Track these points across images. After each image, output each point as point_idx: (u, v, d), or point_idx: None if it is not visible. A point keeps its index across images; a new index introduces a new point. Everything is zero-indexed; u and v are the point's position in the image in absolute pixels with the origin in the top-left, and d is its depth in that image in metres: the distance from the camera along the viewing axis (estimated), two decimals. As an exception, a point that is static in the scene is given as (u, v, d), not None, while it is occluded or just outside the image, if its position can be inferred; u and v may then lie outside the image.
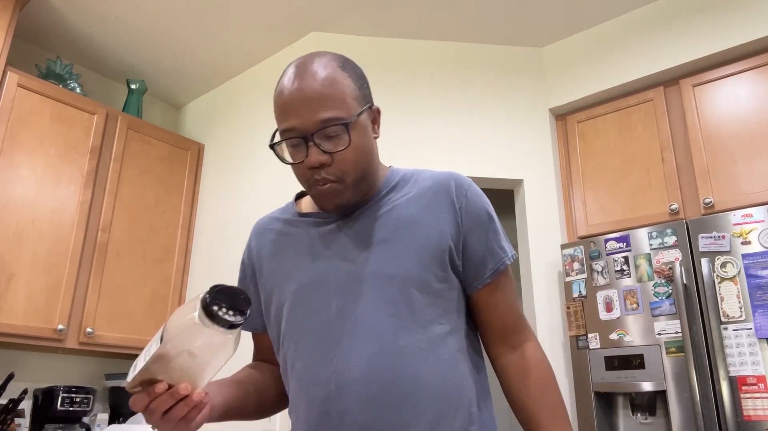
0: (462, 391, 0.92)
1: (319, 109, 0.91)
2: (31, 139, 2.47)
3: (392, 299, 0.92)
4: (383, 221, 0.98)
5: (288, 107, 0.93)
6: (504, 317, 1.00)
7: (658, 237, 2.16)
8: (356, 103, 0.95)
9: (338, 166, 0.93)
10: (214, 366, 0.81)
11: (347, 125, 0.91)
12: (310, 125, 0.91)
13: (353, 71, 0.98)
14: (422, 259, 0.94)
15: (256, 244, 1.11)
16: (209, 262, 2.88)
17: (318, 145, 0.91)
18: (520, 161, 2.66)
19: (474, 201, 1.00)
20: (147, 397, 0.79)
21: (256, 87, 3.01)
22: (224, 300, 0.77)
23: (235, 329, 0.78)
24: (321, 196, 0.96)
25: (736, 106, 2.29)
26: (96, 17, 2.71)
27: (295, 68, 0.95)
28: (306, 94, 0.91)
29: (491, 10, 2.62)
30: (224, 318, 0.77)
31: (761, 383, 1.84)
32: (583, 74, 2.70)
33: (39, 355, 2.65)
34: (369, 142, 0.98)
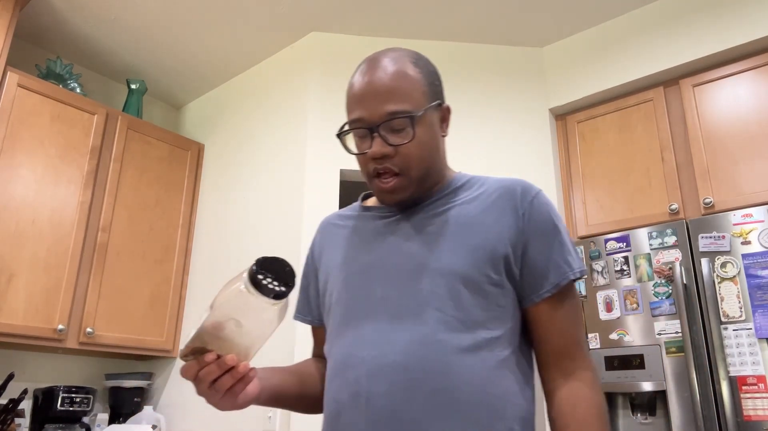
0: (504, 404, 0.88)
1: (386, 101, 0.92)
2: (31, 139, 2.47)
3: (438, 292, 0.90)
4: (441, 218, 0.97)
5: (357, 99, 0.95)
6: (561, 338, 0.94)
7: (658, 237, 2.16)
8: (425, 98, 0.95)
9: (401, 159, 0.94)
10: (260, 338, 0.83)
11: (413, 119, 0.92)
12: (376, 117, 0.92)
13: (425, 67, 0.99)
14: (475, 259, 0.91)
15: (319, 240, 1.14)
16: (209, 262, 2.88)
17: (383, 137, 0.92)
18: (520, 161, 2.66)
19: (539, 209, 0.96)
20: (197, 365, 0.81)
21: (256, 87, 3.01)
22: (270, 270, 0.80)
23: (280, 300, 0.80)
24: (382, 190, 0.96)
25: (736, 106, 2.29)
26: (96, 17, 2.71)
27: (367, 62, 0.98)
28: (375, 86, 0.93)
29: (491, 10, 2.62)
30: (269, 287, 0.79)
31: (761, 383, 1.84)
32: (583, 74, 2.70)
33: (39, 355, 2.65)
34: (435, 139, 0.98)
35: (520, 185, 0.98)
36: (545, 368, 0.95)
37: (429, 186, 1.00)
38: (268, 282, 0.79)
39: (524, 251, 0.94)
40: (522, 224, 0.94)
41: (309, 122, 2.65)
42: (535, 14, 2.65)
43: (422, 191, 0.99)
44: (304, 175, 2.57)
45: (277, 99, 2.87)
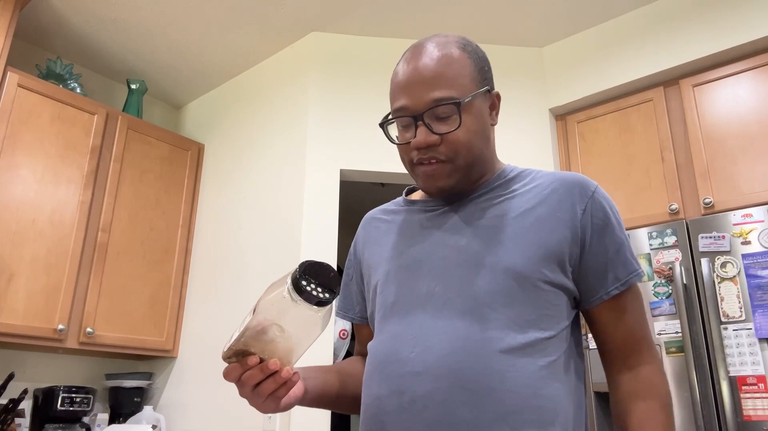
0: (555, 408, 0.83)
1: (431, 88, 0.88)
2: (31, 139, 2.47)
3: (489, 289, 0.86)
4: (493, 210, 0.92)
5: (401, 86, 0.91)
6: (629, 337, 0.90)
7: (658, 237, 2.16)
8: (473, 84, 0.91)
9: (448, 147, 0.89)
10: (304, 343, 0.81)
11: (459, 105, 0.88)
12: (420, 105, 0.88)
13: (474, 52, 0.94)
14: (530, 255, 0.87)
15: (363, 234, 1.10)
16: (209, 262, 2.88)
17: (427, 125, 0.88)
18: (520, 161, 2.65)
19: (600, 204, 0.91)
20: (240, 368, 0.80)
21: (256, 87, 3.01)
22: (314, 276, 0.77)
23: (323, 306, 0.78)
24: (424, 176, 0.92)
25: (735, 106, 2.29)
26: (96, 17, 2.71)
27: (412, 49, 0.94)
28: (420, 73, 0.89)
29: (491, 10, 2.62)
30: (312, 294, 0.76)
31: (761, 383, 1.84)
32: (583, 74, 2.70)
33: (39, 355, 2.65)
34: (484, 127, 0.93)
35: (579, 179, 0.93)
36: (610, 364, 0.93)
37: (476, 177, 0.95)
38: (312, 288, 0.77)
39: (586, 249, 0.89)
40: (582, 221, 0.89)
41: (309, 122, 2.65)
42: (535, 14, 2.65)
43: (469, 182, 0.94)
44: (304, 175, 2.57)
45: (277, 99, 2.87)
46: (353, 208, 3.76)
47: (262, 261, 2.61)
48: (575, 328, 0.93)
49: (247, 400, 0.85)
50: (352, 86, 2.73)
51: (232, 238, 2.80)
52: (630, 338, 0.90)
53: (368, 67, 2.75)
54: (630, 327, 0.90)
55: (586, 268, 0.89)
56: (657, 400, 0.87)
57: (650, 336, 0.93)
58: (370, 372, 0.92)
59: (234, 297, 2.68)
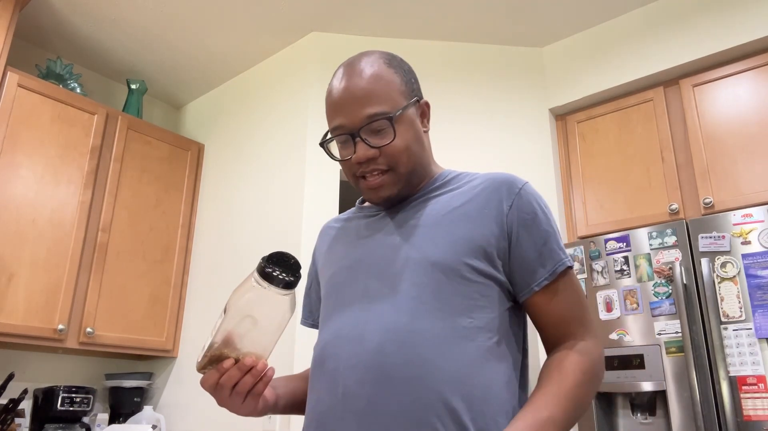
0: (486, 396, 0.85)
1: (364, 105, 0.94)
2: (31, 139, 2.47)
3: (418, 282, 0.90)
4: (425, 211, 0.98)
5: (335, 106, 0.96)
6: (562, 321, 0.93)
7: (658, 237, 2.16)
8: (402, 97, 0.97)
9: (387, 158, 0.95)
10: (275, 333, 0.87)
11: (391, 119, 0.93)
12: (356, 121, 0.94)
13: (400, 67, 1.00)
14: (455, 248, 0.91)
15: (318, 244, 1.17)
16: (209, 262, 2.88)
17: (365, 140, 0.94)
18: (520, 161, 2.66)
19: (527, 200, 0.95)
20: (217, 373, 0.84)
21: (256, 87, 3.01)
22: (277, 264, 0.84)
23: (290, 289, 0.84)
24: (370, 188, 0.97)
25: (735, 106, 2.29)
26: (96, 17, 2.71)
27: (342, 68, 0.99)
28: (352, 92, 0.95)
29: (491, 10, 2.62)
30: (279, 277, 0.83)
31: (761, 383, 1.84)
32: (583, 74, 2.70)
33: (39, 355, 2.65)
34: (418, 135, 0.99)
35: (506, 177, 0.98)
36: (550, 348, 0.95)
37: (417, 182, 1.01)
38: (278, 273, 0.83)
39: (514, 243, 0.93)
40: (509, 216, 0.93)
41: (309, 122, 2.65)
42: (535, 14, 2.65)
43: (411, 188, 1.00)
44: (304, 175, 2.57)
45: (277, 99, 2.87)
46: (353, 208, 3.76)
47: (262, 261, 2.61)
48: (515, 322, 0.95)
49: (225, 405, 0.88)
50: (352, 86, 2.72)
51: (232, 238, 2.80)
52: (564, 322, 0.93)
53: (368, 67, 2.75)
54: (563, 313, 0.93)
55: (516, 262, 0.93)
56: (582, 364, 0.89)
57: (587, 318, 0.95)
58: (312, 369, 0.97)
59: (234, 297, 2.68)
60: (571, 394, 0.85)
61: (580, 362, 0.89)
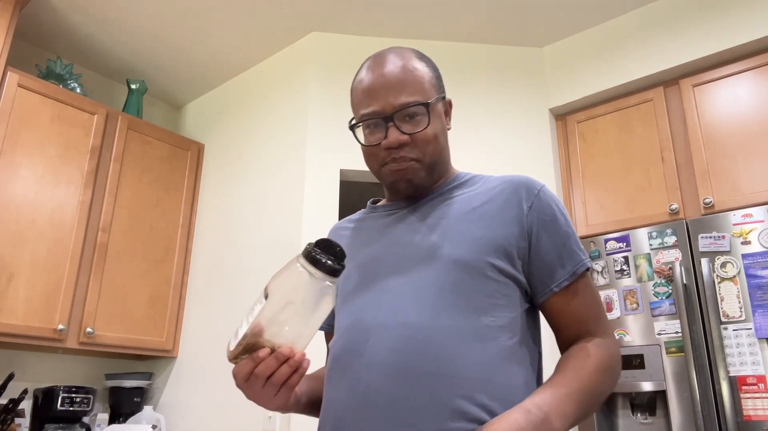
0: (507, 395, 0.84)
1: (399, 92, 0.96)
2: (31, 139, 2.47)
3: (439, 280, 0.89)
4: (444, 209, 0.98)
5: (368, 92, 0.98)
6: (582, 324, 0.93)
7: (658, 237, 2.16)
8: (433, 89, 1.00)
9: (417, 145, 0.96)
10: (316, 321, 0.83)
11: (427, 106, 0.96)
12: (390, 107, 0.96)
13: (429, 62, 1.04)
14: (478, 247, 0.91)
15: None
16: (209, 262, 2.88)
17: (398, 126, 0.95)
18: (520, 161, 2.66)
19: (545, 202, 0.96)
20: (252, 363, 0.80)
21: (256, 87, 3.01)
22: (324, 250, 0.81)
23: (335, 276, 0.81)
24: (396, 173, 0.98)
25: (735, 106, 2.29)
26: (96, 17, 2.71)
27: (373, 59, 1.02)
28: (387, 79, 0.97)
29: (491, 10, 2.62)
30: (327, 263, 0.80)
31: (761, 383, 1.84)
32: (583, 74, 2.70)
33: (39, 355, 2.65)
34: (444, 129, 1.02)
35: (524, 179, 0.99)
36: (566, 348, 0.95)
37: (437, 177, 1.02)
38: (325, 259, 0.80)
39: (533, 244, 0.93)
40: (528, 218, 0.94)
41: (309, 122, 2.65)
42: (535, 14, 2.65)
43: (431, 180, 1.01)
44: (304, 175, 2.57)
45: (277, 99, 2.87)
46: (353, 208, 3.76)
47: (261, 261, 2.61)
48: (532, 324, 0.96)
49: (255, 398, 0.85)
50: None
51: (232, 238, 2.80)
52: (582, 322, 0.94)
53: (368, 67, 2.75)
54: (582, 314, 0.94)
55: (536, 262, 0.94)
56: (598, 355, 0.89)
57: (605, 318, 0.96)
58: (330, 368, 0.95)
59: (234, 296, 2.68)
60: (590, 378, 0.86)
61: (598, 353, 0.89)
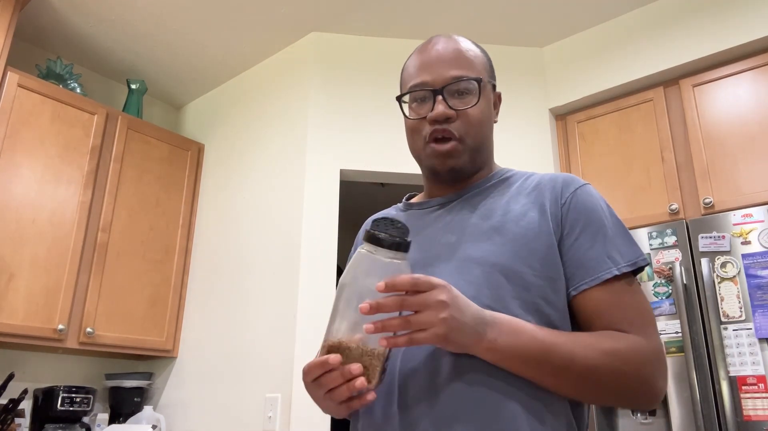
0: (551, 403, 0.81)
1: (451, 66, 0.94)
2: (31, 139, 2.47)
3: (475, 282, 0.86)
4: (483, 210, 0.95)
5: (421, 65, 0.96)
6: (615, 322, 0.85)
7: (658, 237, 2.16)
8: (486, 73, 0.99)
9: (462, 123, 0.94)
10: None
11: (480, 82, 0.94)
12: (440, 80, 0.94)
13: (484, 51, 1.03)
14: (516, 250, 0.87)
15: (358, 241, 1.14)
16: (209, 262, 2.87)
17: (446, 100, 0.93)
18: (520, 161, 2.65)
19: (583, 200, 0.91)
20: (320, 368, 0.77)
21: (256, 87, 3.01)
22: (384, 227, 0.76)
23: (402, 251, 0.76)
24: (438, 153, 0.95)
25: (736, 106, 2.29)
26: (96, 17, 2.71)
27: (428, 40, 1.01)
28: (440, 53, 0.96)
29: (491, 10, 2.62)
30: (388, 238, 0.75)
31: (761, 383, 1.84)
32: (583, 74, 2.70)
33: (39, 355, 2.65)
34: (491, 116, 0.99)
35: (565, 177, 0.95)
36: None
37: (478, 165, 0.99)
38: (386, 235, 0.75)
39: (564, 243, 0.89)
40: (562, 215, 0.90)
41: (309, 122, 2.65)
42: (535, 14, 2.65)
43: (472, 168, 0.98)
44: (304, 175, 2.57)
45: (277, 99, 2.87)
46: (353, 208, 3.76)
47: (262, 261, 2.61)
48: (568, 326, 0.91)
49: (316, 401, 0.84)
50: (352, 86, 2.72)
51: (232, 238, 2.80)
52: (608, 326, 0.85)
53: (368, 67, 2.75)
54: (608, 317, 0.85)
55: (567, 261, 0.88)
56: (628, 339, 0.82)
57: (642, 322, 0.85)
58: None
59: (234, 297, 2.68)
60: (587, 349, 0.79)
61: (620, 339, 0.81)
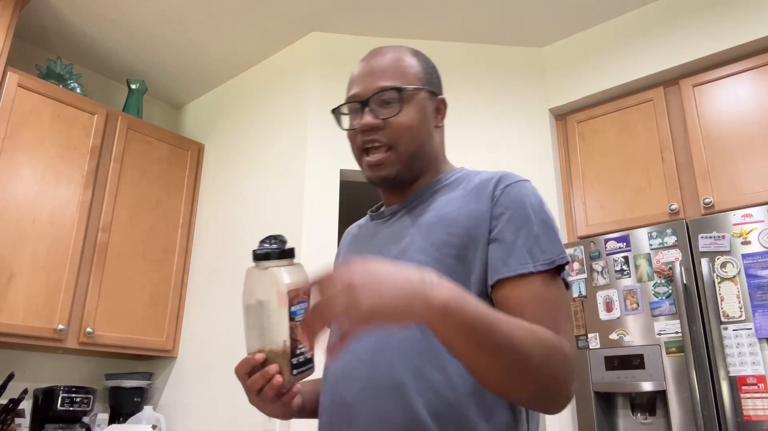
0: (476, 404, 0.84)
1: (379, 78, 0.98)
2: (32, 139, 2.47)
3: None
4: (421, 217, 0.97)
5: (354, 79, 1.02)
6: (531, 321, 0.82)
7: (658, 237, 2.16)
8: (418, 81, 1.00)
9: (390, 132, 0.96)
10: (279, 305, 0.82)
11: (401, 91, 0.96)
12: (367, 92, 0.98)
13: (423, 60, 1.05)
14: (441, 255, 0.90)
15: (340, 249, 1.19)
16: (209, 262, 2.87)
17: (372, 110, 0.97)
18: (520, 161, 2.65)
19: (513, 195, 0.91)
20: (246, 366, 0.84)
21: (256, 87, 3.01)
22: (266, 242, 0.87)
23: (272, 261, 0.84)
24: (369, 164, 0.98)
25: (736, 106, 2.29)
26: (96, 17, 2.71)
27: (368, 53, 1.05)
28: (371, 66, 1.00)
29: (491, 10, 2.62)
30: (259, 252, 0.84)
31: (761, 383, 1.84)
32: (583, 74, 2.70)
33: (39, 355, 2.65)
34: (426, 123, 1.00)
35: (502, 174, 0.95)
36: None
37: (417, 172, 1.00)
38: (261, 247, 0.85)
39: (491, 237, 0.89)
40: (492, 210, 0.91)
41: (309, 122, 2.65)
42: (535, 14, 2.64)
43: (410, 174, 0.99)
44: (304, 175, 2.57)
45: (277, 99, 2.87)
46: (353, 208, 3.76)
47: (262, 261, 2.61)
48: None
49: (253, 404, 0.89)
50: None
51: (232, 238, 2.80)
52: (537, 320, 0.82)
53: (368, 67, 2.75)
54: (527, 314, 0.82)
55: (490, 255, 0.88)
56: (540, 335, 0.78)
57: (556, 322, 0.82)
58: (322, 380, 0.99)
59: (234, 297, 2.68)
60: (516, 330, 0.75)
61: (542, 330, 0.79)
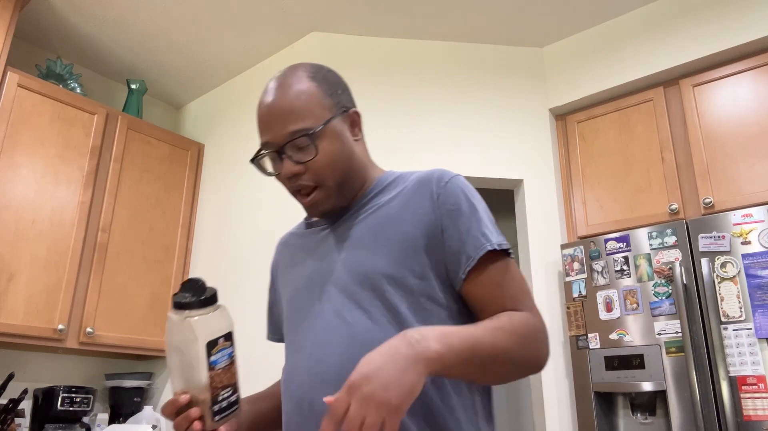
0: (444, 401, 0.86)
1: (286, 122, 0.94)
2: (31, 139, 2.47)
3: (365, 296, 0.91)
4: (365, 223, 0.98)
5: (262, 123, 0.97)
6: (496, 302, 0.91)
7: (658, 237, 2.16)
8: (325, 110, 0.96)
9: (313, 174, 0.95)
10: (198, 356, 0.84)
11: (312, 135, 0.93)
12: (280, 138, 0.94)
13: (325, 80, 1.00)
14: (395, 255, 0.92)
15: (275, 260, 1.18)
16: (209, 262, 2.87)
17: (290, 157, 0.94)
18: (520, 161, 2.66)
19: (453, 191, 0.95)
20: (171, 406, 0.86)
21: (256, 87, 3.01)
22: (185, 290, 0.85)
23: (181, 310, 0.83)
24: (305, 205, 0.98)
25: (736, 106, 2.29)
26: (96, 17, 2.71)
27: (268, 84, 1.00)
28: (275, 108, 0.95)
29: (491, 10, 2.62)
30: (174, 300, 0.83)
31: (761, 383, 1.84)
32: (583, 74, 2.70)
33: (39, 355, 2.65)
34: (345, 147, 0.98)
35: (437, 172, 0.98)
36: None
37: (350, 195, 1.01)
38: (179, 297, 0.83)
39: (442, 233, 0.93)
40: (436, 208, 0.94)
41: (309, 122, 2.64)
42: (535, 14, 2.65)
43: (346, 199, 1.00)
44: (304, 175, 2.56)
45: (277, 99, 2.86)
46: (353, 208, 3.76)
47: (262, 261, 2.61)
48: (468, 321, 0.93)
49: None
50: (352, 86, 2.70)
51: (232, 238, 2.80)
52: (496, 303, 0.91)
53: (368, 67, 2.75)
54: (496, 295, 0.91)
55: (447, 250, 0.93)
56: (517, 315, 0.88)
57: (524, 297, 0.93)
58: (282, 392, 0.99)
59: (234, 297, 2.68)
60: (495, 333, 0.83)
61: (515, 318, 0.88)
